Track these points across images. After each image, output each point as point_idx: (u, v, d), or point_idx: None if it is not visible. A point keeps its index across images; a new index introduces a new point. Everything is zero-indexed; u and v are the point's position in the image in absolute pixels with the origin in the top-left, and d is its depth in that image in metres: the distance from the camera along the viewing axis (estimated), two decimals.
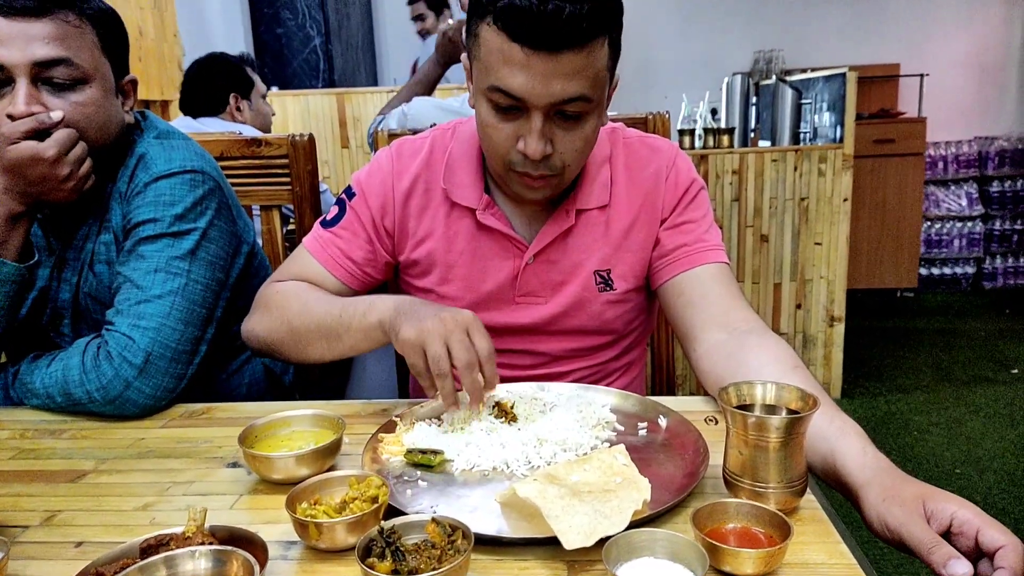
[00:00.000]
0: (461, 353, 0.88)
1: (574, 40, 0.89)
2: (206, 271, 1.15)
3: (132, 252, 1.12)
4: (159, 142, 1.18)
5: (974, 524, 0.64)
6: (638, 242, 1.13)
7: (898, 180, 4.48)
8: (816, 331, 3.26)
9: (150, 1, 3.38)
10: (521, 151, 0.97)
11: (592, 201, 1.11)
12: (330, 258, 1.14)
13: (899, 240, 4.52)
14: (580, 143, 0.99)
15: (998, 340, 4.00)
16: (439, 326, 0.89)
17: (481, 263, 1.13)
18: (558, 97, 0.92)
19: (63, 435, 1.02)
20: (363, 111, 3.46)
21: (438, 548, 0.63)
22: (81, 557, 0.70)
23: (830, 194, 3.13)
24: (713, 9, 5.19)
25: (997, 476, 2.61)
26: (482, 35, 0.93)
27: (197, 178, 1.16)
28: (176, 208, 1.13)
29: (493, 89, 0.94)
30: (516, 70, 0.91)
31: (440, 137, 1.17)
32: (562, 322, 1.14)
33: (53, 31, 1.04)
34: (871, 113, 4.71)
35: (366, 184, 1.16)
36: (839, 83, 3.19)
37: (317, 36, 4.42)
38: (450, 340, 0.88)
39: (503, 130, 0.97)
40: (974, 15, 5.06)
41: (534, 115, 0.94)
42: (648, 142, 1.16)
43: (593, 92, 0.94)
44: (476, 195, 1.11)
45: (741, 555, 0.62)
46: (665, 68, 5.22)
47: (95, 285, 1.18)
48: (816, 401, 0.73)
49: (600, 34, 0.91)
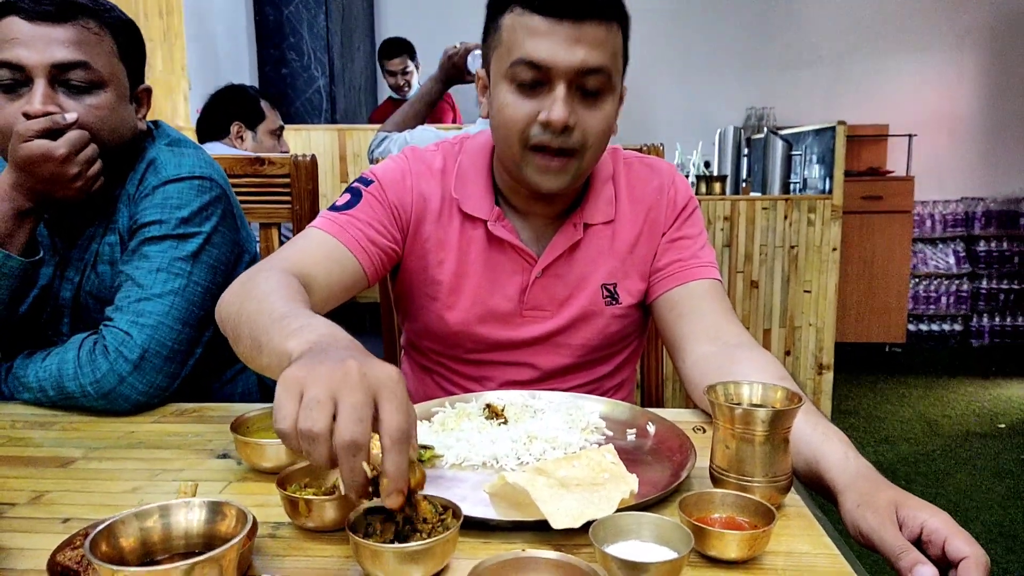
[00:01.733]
0: (346, 424, 0.57)
1: (597, 11, 0.95)
2: (207, 274, 1.16)
3: (136, 252, 1.13)
4: (170, 148, 1.21)
5: (942, 533, 0.65)
6: (641, 257, 1.15)
7: (886, 237, 4.57)
8: (805, 378, 3.27)
9: (160, 35, 3.47)
10: (544, 120, 0.98)
11: (598, 216, 1.13)
12: (351, 237, 1.05)
13: (887, 295, 4.58)
14: (600, 122, 1.01)
15: (985, 396, 4.02)
16: (335, 374, 0.59)
17: (491, 275, 1.13)
18: (581, 64, 0.96)
19: (53, 427, 1.02)
20: (363, 147, 3.52)
21: (429, 523, 0.64)
22: (68, 532, 0.70)
23: (819, 243, 3.18)
24: (707, 67, 5.34)
25: (985, 527, 2.60)
26: (504, 24, 0.99)
27: (205, 184, 1.18)
28: (182, 211, 1.15)
29: (517, 63, 0.97)
30: (541, 39, 0.95)
31: (449, 150, 1.18)
32: (565, 336, 1.15)
33: (73, 36, 1.07)
34: (860, 171, 4.82)
35: (383, 176, 1.13)
36: (829, 136, 3.28)
37: (321, 77, 4.52)
38: (340, 398, 0.57)
39: (524, 107, 0.99)
40: (961, 79, 5.23)
41: (558, 85, 0.97)
42: (647, 162, 1.20)
43: (613, 67, 0.99)
44: (487, 206, 1.12)
45: (726, 537, 0.63)
46: (660, 122, 5.35)
47: (97, 284, 1.19)
48: (801, 399, 0.74)
49: (616, 17, 0.99)
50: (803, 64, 5.30)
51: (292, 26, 4.42)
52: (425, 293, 1.16)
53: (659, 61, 5.34)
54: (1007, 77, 5.22)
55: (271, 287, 0.86)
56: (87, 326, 1.20)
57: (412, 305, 1.20)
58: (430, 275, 1.15)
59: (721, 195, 3.29)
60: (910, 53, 5.23)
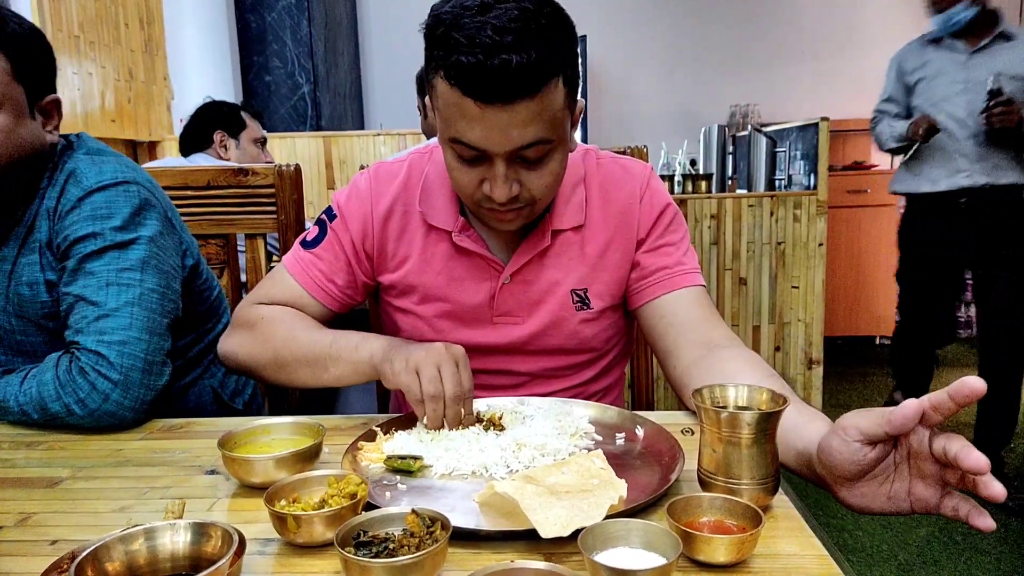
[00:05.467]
0: (450, 383, 0.92)
1: (526, 90, 0.88)
2: (159, 279, 1.14)
3: (78, 271, 1.10)
4: (89, 158, 1.18)
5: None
6: (614, 261, 1.15)
7: (872, 230, 4.60)
8: (795, 373, 3.29)
9: (141, 44, 3.45)
10: (487, 194, 0.98)
11: (567, 222, 1.13)
12: (311, 280, 1.15)
13: (875, 289, 4.61)
14: (547, 179, 0.99)
15: None
16: (433, 354, 0.94)
17: (458, 284, 1.14)
18: (516, 144, 0.92)
19: (39, 446, 1.02)
20: (349, 153, 3.52)
21: (416, 537, 0.64)
22: (56, 554, 0.70)
23: (806, 239, 3.20)
24: (691, 66, 5.37)
25: None
26: (438, 88, 0.93)
27: (131, 188, 1.15)
28: (114, 220, 1.12)
29: (454, 141, 0.95)
30: (473, 123, 0.91)
31: (417, 161, 1.18)
32: (540, 341, 1.16)
33: None
34: (845, 165, 4.85)
35: (346, 207, 1.17)
36: (812, 132, 3.30)
37: (306, 84, 4.51)
38: (442, 368, 0.93)
39: (468, 174, 0.98)
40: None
41: (497, 162, 0.95)
42: (622, 163, 1.18)
43: (552, 133, 0.94)
44: (451, 218, 1.12)
45: (714, 542, 0.63)
46: (644, 120, 5.37)
47: (17, 304, 1.17)
48: (786, 400, 0.75)
49: (552, 77, 0.90)
50: (786, 61, 5.33)
51: (275, 33, 4.41)
52: (397, 307, 1.18)
53: (643, 60, 5.37)
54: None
55: (291, 324, 1.11)
56: (12, 349, 1.19)
57: (388, 319, 1.23)
58: (400, 289, 1.17)
59: (707, 193, 3.31)
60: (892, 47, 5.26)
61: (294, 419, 0.93)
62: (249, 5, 4.37)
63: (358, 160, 3.50)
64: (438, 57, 0.90)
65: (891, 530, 2.54)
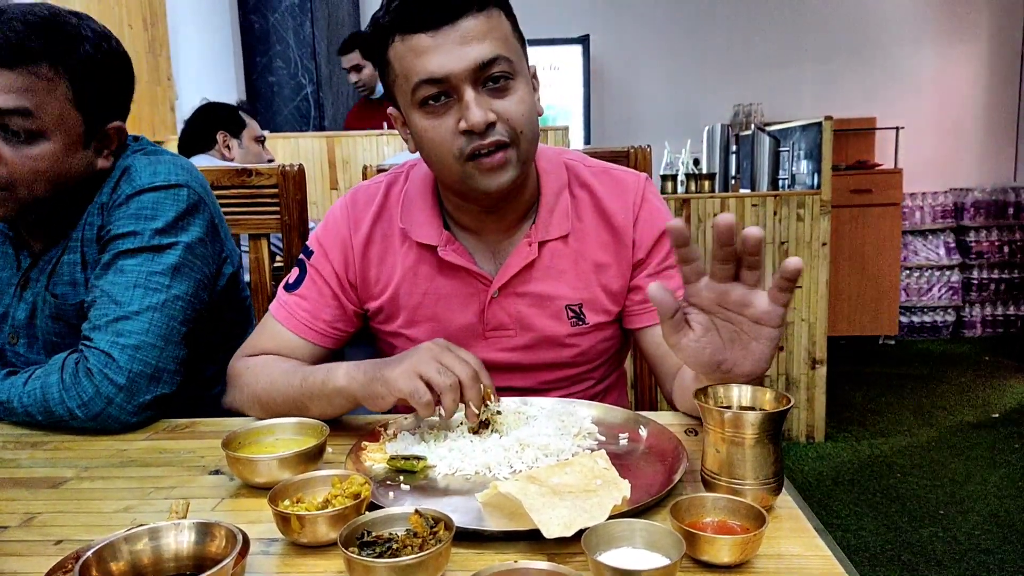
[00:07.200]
0: (459, 367, 0.90)
1: (467, 6, 0.95)
2: (188, 287, 1.13)
3: (111, 265, 1.10)
4: (145, 156, 1.17)
5: None
6: (610, 277, 1.12)
7: (876, 230, 4.59)
8: (799, 373, 3.29)
9: (145, 45, 3.46)
10: (464, 128, 0.96)
11: (553, 231, 1.10)
12: (299, 323, 1.13)
13: (879, 288, 4.60)
14: (518, 105, 0.99)
15: (979, 386, 4.04)
16: (424, 353, 0.92)
17: (446, 301, 1.12)
18: (475, 60, 0.95)
19: (44, 447, 1.02)
20: (352, 153, 3.52)
21: (420, 537, 0.64)
22: (61, 554, 0.70)
23: (809, 238, 3.20)
24: (694, 64, 5.36)
25: (981, 517, 2.61)
26: (391, 57, 0.99)
27: (181, 192, 1.15)
28: (156, 222, 1.12)
29: (418, 85, 0.96)
30: (429, 55, 0.95)
31: (394, 181, 1.17)
32: (534, 355, 1.14)
33: (19, 82, 1.03)
34: (848, 165, 4.84)
35: (324, 240, 1.15)
36: (815, 132, 3.29)
37: (309, 85, 4.51)
38: (442, 360, 0.90)
39: (443, 124, 0.98)
40: (945, 72, 5.26)
41: (464, 90, 0.96)
42: (614, 175, 1.15)
43: (510, 53, 0.98)
44: (436, 232, 1.10)
45: (717, 542, 0.63)
46: (647, 119, 5.37)
47: (54, 305, 1.17)
48: (789, 400, 0.75)
49: (493, 3, 0.97)
50: (789, 60, 5.32)
51: (278, 34, 4.42)
52: (388, 332, 1.17)
53: (646, 60, 5.37)
54: (993, 67, 5.26)
55: (269, 371, 1.08)
56: (46, 347, 1.19)
57: (383, 344, 1.21)
58: (388, 313, 1.16)
59: (710, 193, 3.30)
60: (896, 46, 5.26)
61: (298, 419, 0.93)
62: (252, 6, 4.38)
63: (361, 160, 3.50)
64: (384, 28, 0.98)
65: (894, 530, 2.54)
